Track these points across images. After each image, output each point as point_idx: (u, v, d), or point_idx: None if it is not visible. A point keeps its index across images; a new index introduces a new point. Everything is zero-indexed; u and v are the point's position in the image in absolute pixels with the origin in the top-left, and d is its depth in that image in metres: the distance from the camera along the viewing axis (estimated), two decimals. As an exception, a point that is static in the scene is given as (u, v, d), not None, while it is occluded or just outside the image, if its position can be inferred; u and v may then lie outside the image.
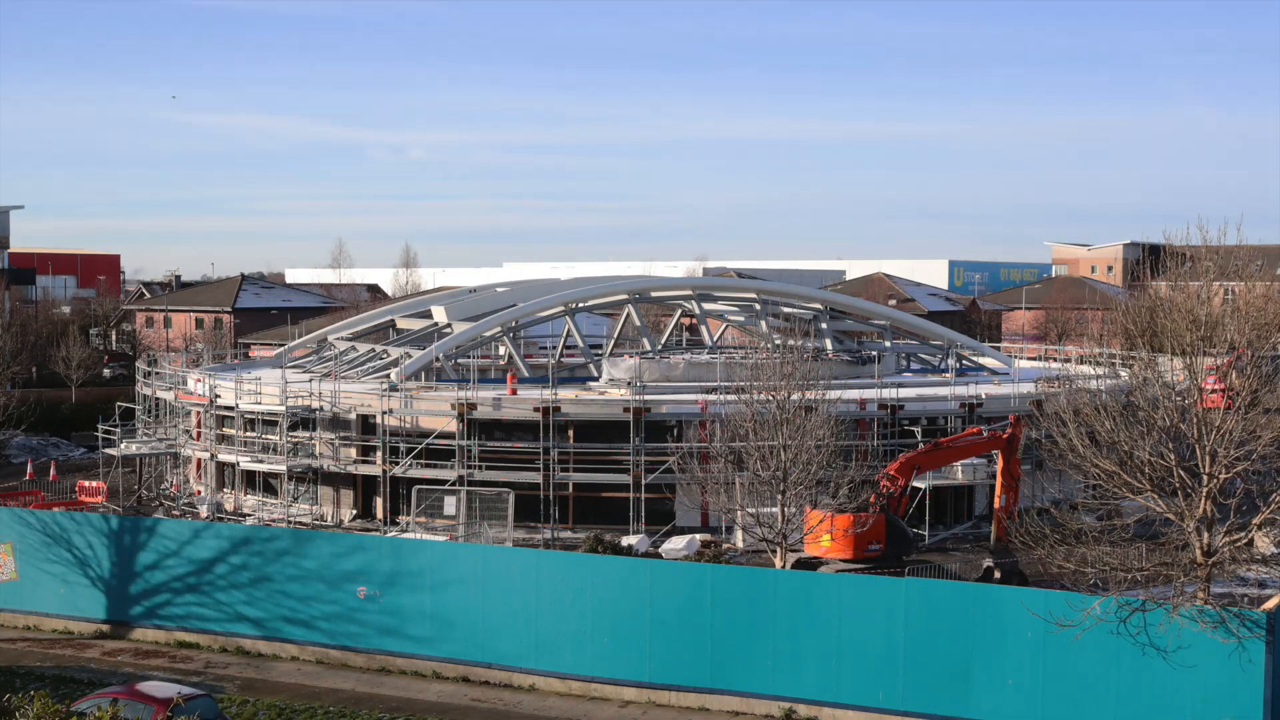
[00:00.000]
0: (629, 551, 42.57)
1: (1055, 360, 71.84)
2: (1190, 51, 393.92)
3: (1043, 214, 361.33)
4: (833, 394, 42.72)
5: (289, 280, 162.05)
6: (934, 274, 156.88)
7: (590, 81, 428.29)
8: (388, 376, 54.67)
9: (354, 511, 52.57)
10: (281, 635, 35.20)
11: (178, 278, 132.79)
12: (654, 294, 69.34)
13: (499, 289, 69.23)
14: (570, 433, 49.86)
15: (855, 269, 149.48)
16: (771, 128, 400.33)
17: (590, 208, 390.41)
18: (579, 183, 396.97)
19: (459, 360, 58.84)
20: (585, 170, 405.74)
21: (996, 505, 43.35)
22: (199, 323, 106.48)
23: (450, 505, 47.94)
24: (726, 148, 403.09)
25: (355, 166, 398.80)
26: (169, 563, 36.53)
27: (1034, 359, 74.97)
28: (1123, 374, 49.24)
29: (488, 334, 59.44)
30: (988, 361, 67.93)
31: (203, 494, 56.39)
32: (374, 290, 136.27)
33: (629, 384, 53.74)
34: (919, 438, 50.19)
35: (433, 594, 33.58)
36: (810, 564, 39.45)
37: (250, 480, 55.42)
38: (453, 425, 49.83)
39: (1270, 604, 28.56)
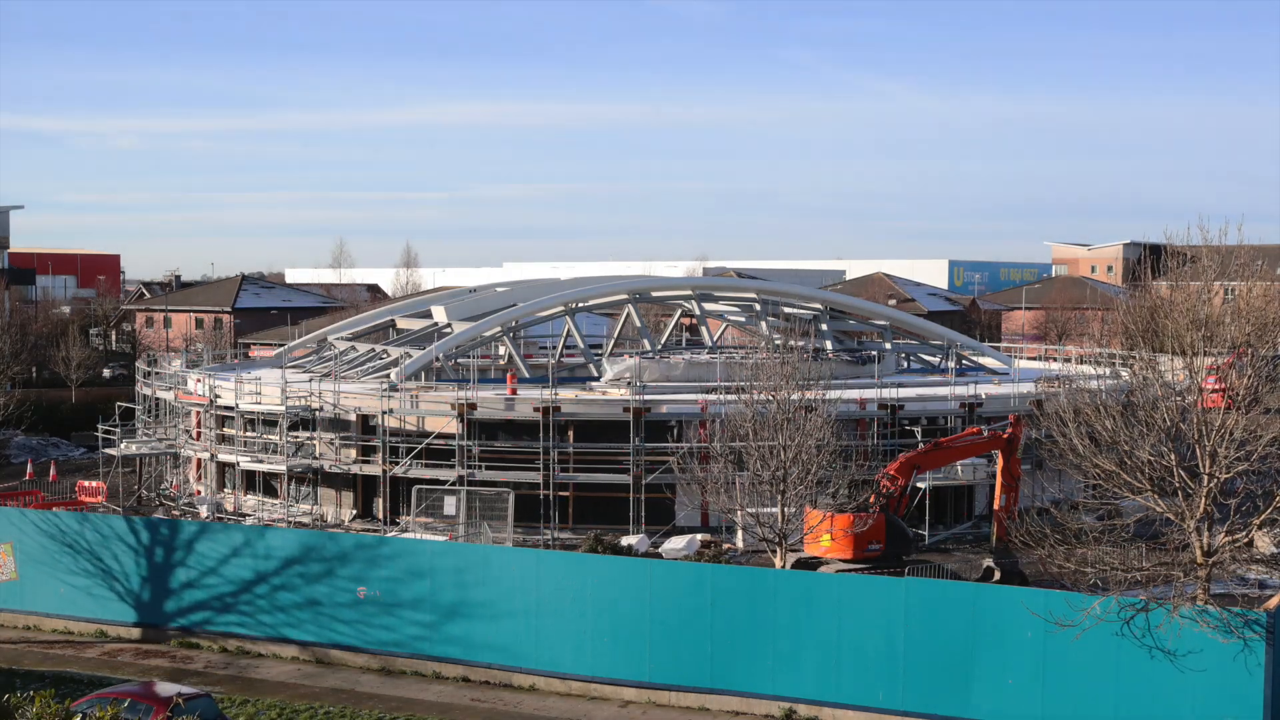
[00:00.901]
0: (629, 551, 42.55)
1: (1055, 360, 71.79)
2: (1192, 50, 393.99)
3: (1043, 213, 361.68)
4: (833, 394, 42.70)
5: (289, 280, 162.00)
6: (934, 274, 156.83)
7: (592, 72, 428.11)
8: (388, 376, 54.64)
9: (354, 512, 52.55)
10: (282, 636, 35.22)
11: (178, 278, 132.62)
12: (654, 294, 69.33)
13: (499, 289, 69.24)
14: (570, 433, 49.84)
15: (855, 269, 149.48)
16: (769, 125, 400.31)
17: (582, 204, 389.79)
18: (577, 169, 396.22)
19: (459, 360, 58.80)
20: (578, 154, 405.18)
21: (996, 505, 43.30)
22: (199, 323, 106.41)
23: (450, 505, 47.92)
24: (725, 144, 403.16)
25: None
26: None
27: (1034, 359, 74.95)
28: (1123, 374, 49.21)
29: (488, 334, 59.43)
30: (988, 361, 67.92)
31: (203, 494, 56.39)
32: (374, 290, 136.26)
33: (629, 384, 53.72)
34: (919, 438, 50.17)
35: (432, 586, 33.58)
36: (810, 564, 39.43)
37: (250, 480, 55.41)
38: (453, 425, 49.80)
39: (1271, 604, 28.55)
